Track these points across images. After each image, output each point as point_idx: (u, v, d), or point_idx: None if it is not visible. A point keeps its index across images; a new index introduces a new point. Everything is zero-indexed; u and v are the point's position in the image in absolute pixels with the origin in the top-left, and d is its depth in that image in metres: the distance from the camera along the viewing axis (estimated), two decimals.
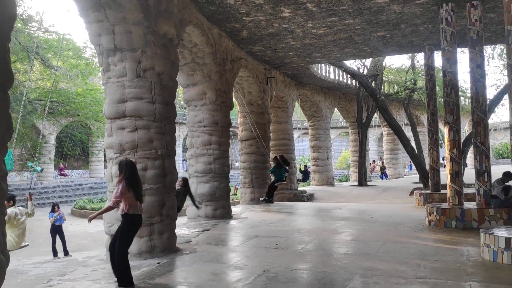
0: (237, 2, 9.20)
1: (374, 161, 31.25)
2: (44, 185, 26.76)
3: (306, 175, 23.66)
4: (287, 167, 13.68)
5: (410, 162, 31.46)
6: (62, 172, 32.87)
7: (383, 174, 29.74)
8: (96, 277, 5.83)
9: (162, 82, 7.24)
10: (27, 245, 7.56)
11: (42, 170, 10.39)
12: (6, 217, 6.01)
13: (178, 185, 9.27)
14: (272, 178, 13.78)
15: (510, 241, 5.85)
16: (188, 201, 10.24)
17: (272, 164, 13.99)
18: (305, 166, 25.40)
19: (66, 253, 10.19)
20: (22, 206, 9.02)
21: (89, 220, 5.48)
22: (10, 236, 6.45)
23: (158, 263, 6.44)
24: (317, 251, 7.20)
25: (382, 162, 30.40)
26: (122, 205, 5.33)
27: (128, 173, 5.38)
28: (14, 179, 28.64)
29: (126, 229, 5.35)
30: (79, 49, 20.96)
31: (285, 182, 14.02)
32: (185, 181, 10.09)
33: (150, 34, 7.06)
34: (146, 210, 6.86)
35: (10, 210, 6.45)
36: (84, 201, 21.92)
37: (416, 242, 7.63)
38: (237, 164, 15.24)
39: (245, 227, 9.83)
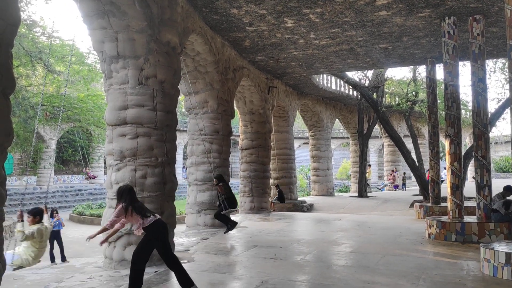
0: (240, 12, 9.24)
1: (393, 171, 30.35)
2: (44, 190, 26.70)
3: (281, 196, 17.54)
4: None
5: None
6: (90, 175, 32.01)
7: (403, 185, 29.25)
8: (92, 285, 5.78)
9: (164, 90, 7.25)
10: (39, 261, 6.70)
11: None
12: (29, 233, 5.59)
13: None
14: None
15: (510, 256, 5.81)
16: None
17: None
18: (277, 185, 17.89)
19: (63, 259, 10.14)
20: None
21: (89, 239, 5.18)
22: (29, 255, 5.71)
23: (156, 271, 6.39)
24: (316, 262, 7.15)
25: (404, 173, 30.03)
26: (135, 226, 5.23)
27: (129, 199, 5.21)
28: (13, 183, 28.60)
29: (146, 241, 5.19)
30: (82, 55, 21.01)
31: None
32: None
33: (153, 42, 7.08)
34: None
35: (36, 227, 5.66)
36: (83, 206, 21.89)
37: (415, 255, 7.59)
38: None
39: (244, 236, 9.79)
